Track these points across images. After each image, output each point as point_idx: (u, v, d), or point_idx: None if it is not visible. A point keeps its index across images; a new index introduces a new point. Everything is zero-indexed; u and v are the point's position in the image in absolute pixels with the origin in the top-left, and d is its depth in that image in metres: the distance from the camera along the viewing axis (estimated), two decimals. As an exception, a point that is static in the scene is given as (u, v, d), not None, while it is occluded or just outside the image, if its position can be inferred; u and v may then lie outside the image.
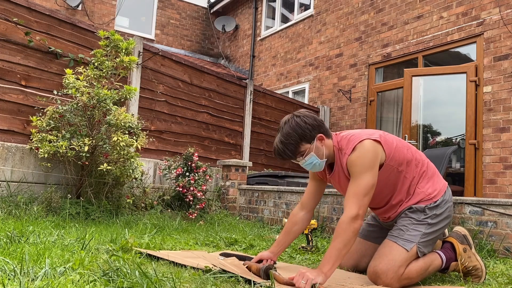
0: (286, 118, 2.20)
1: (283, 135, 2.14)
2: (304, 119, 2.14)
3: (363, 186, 2.04)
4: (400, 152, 2.20)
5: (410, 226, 2.16)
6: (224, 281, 1.91)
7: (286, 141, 2.12)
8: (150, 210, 4.66)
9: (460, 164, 6.29)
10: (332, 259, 1.94)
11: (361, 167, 2.07)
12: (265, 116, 7.39)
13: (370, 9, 7.88)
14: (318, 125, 2.16)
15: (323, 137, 2.16)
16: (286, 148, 2.13)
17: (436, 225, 2.20)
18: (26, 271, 1.68)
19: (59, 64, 4.52)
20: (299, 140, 2.12)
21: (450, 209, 2.28)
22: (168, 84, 5.79)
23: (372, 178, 2.07)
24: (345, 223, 1.99)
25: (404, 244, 2.10)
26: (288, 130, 2.13)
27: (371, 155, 2.09)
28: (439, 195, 2.24)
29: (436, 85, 6.79)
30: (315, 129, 2.14)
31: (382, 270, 2.04)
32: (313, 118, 2.16)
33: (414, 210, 2.20)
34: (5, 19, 4.14)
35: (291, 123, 2.14)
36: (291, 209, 4.79)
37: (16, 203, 3.71)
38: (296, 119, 2.14)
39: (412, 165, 2.23)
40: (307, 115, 2.16)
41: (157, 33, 11.43)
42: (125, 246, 2.50)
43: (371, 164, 2.08)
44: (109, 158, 3.99)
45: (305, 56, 9.31)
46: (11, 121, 4.14)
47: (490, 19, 6.00)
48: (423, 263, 2.13)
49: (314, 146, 2.15)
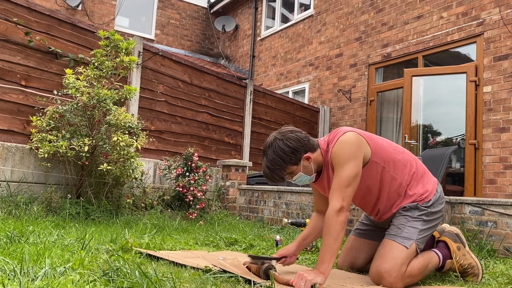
0: (269, 140, 2.14)
1: (269, 161, 2.11)
2: (287, 143, 2.08)
3: (345, 176, 2.03)
4: (386, 151, 2.19)
5: (407, 224, 2.16)
6: (224, 281, 1.91)
7: (272, 166, 2.10)
8: (150, 210, 4.66)
9: (460, 164, 6.29)
10: (326, 256, 1.94)
11: (343, 157, 2.05)
12: (265, 116, 7.39)
13: (370, 9, 7.88)
14: (302, 145, 2.11)
15: (309, 156, 2.13)
16: (273, 173, 2.11)
17: (431, 222, 2.21)
18: (26, 271, 1.68)
19: (59, 64, 4.52)
20: (284, 164, 2.09)
21: (442, 207, 2.30)
22: (168, 84, 5.79)
23: (355, 167, 2.04)
24: (330, 218, 1.99)
25: (404, 241, 2.10)
26: (272, 156, 2.09)
27: (354, 144, 2.07)
28: (431, 195, 2.24)
29: (436, 85, 6.79)
30: (300, 151, 2.10)
31: (385, 270, 2.03)
32: (296, 140, 2.10)
33: (408, 208, 2.21)
34: (5, 19, 4.14)
35: (274, 148, 2.09)
36: (291, 209, 4.79)
37: (16, 203, 3.71)
38: (279, 142, 2.09)
39: (400, 166, 2.21)
40: (289, 138, 2.10)
41: (157, 33, 11.43)
42: (125, 246, 2.51)
43: (354, 154, 2.06)
44: (109, 158, 3.99)
45: (305, 56, 9.31)
46: (11, 121, 4.14)
47: (490, 19, 6.00)
48: (423, 260, 2.14)
49: (302, 166, 2.13)
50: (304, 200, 4.65)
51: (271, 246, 3.22)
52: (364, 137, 2.14)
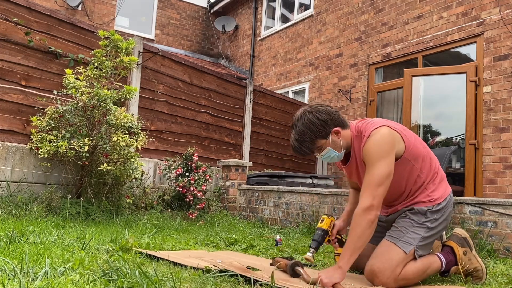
0: (299, 113, 2.13)
1: (297, 133, 2.09)
2: (317, 115, 2.07)
3: (377, 175, 1.99)
4: (415, 147, 2.15)
5: (410, 229, 2.13)
6: (224, 281, 1.91)
7: (301, 139, 2.08)
8: (150, 210, 4.66)
9: (460, 164, 6.29)
10: (347, 252, 1.95)
11: (376, 154, 2.01)
12: (265, 116, 7.39)
13: (370, 9, 7.88)
14: (332, 118, 2.09)
15: (339, 130, 2.11)
16: (302, 146, 2.10)
17: (435, 229, 2.18)
18: (26, 271, 1.68)
19: (59, 64, 4.51)
20: (314, 137, 2.07)
21: (449, 215, 2.27)
22: (168, 84, 5.79)
23: (388, 166, 2.00)
24: (358, 215, 1.98)
25: (403, 246, 2.08)
26: (301, 128, 2.08)
27: (387, 142, 2.02)
28: (441, 198, 2.20)
29: (436, 85, 6.79)
30: (329, 124, 2.08)
31: (379, 269, 2.02)
32: (326, 112, 2.09)
33: (416, 212, 2.17)
34: (5, 19, 4.14)
35: (304, 120, 2.07)
36: (291, 209, 4.79)
37: (16, 203, 3.70)
38: (309, 115, 2.08)
39: (427, 163, 2.18)
40: (319, 110, 2.09)
41: (157, 33, 11.43)
42: (125, 246, 2.51)
43: (387, 152, 2.01)
44: (109, 158, 3.99)
45: (305, 56, 9.31)
46: (11, 121, 4.14)
47: (490, 19, 6.00)
48: (421, 265, 2.11)
49: (330, 141, 2.10)
50: (304, 200, 4.65)
51: (271, 246, 3.22)
52: (399, 132, 2.09)
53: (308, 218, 4.53)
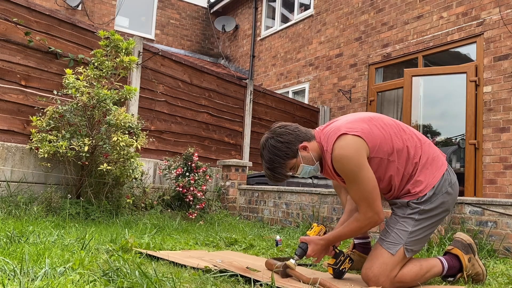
0: (262, 142, 2.13)
1: (267, 162, 2.10)
2: (278, 139, 2.07)
3: (363, 191, 1.97)
4: (386, 143, 2.04)
5: (395, 226, 2.06)
6: (224, 281, 1.91)
7: (272, 166, 2.09)
8: (150, 210, 4.66)
9: (460, 164, 6.29)
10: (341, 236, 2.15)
11: (350, 172, 1.98)
12: (265, 116, 7.39)
13: (370, 9, 7.88)
14: (294, 136, 2.08)
15: (306, 145, 2.09)
16: (275, 173, 2.10)
17: (425, 221, 2.05)
18: (26, 271, 1.68)
19: (59, 64, 4.51)
20: (283, 160, 2.07)
21: (444, 203, 2.08)
22: (168, 84, 5.79)
23: (368, 177, 1.96)
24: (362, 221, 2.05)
25: (389, 247, 2.02)
26: (268, 156, 2.08)
27: (353, 154, 1.95)
28: (427, 188, 2.04)
29: (436, 85, 6.79)
30: (294, 143, 2.07)
31: (374, 274, 1.99)
32: (286, 133, 2.08)
33: (399, 205, 2.10)
34: (5, 19, 4.14)
35: (268, 148, 2.08)
36: (291, 209, 4.79)
37: (16, 203, 3.70)
38: (271, 141, 2.08)
39: (403, 154, 2.06)
40: (279, 133, 2.09)
41: (157, 33, 11.43)
42: (125, 246, 2.50)
43: (359, 163, 1.95)
44: (109, 158, 3.99)
45: (305, 56, 9.31)
46: (11, 121, 4.14)
47: (490, 19, 6.00)
48: (419, 268, 2.06)
49: (301, 157, 2.09)
50: (304, 200, 4.65)
51: (271, 246, 3.22)
52: (359, 135, 1.99)
53: (308, 218, 4.53)
